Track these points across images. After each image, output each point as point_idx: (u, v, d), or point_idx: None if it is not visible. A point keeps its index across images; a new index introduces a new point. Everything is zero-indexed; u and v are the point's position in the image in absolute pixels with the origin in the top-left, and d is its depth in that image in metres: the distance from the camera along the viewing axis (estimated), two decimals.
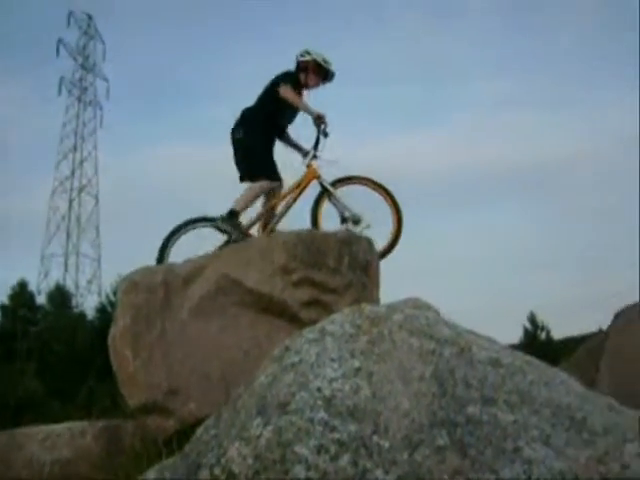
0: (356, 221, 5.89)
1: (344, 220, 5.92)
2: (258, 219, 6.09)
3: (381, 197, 5.99)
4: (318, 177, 6.03)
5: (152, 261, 5.82)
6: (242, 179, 6.15)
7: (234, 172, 6.20)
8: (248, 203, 6.02)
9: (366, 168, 6.15)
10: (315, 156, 6.12)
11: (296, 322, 4.83)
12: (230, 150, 6.20)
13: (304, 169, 6.13)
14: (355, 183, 6.09)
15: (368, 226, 5.89)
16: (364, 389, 2.73)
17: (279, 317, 4.95)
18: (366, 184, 6.04)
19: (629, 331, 7.03)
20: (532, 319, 17.42)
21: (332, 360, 2.88)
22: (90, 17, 38.66)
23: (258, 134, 6.13)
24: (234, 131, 6.18)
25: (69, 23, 38.10)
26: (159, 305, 4.98)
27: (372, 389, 2.74)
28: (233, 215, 5.94)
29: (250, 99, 6.32)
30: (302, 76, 6.25)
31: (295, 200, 6.08)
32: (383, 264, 5.46)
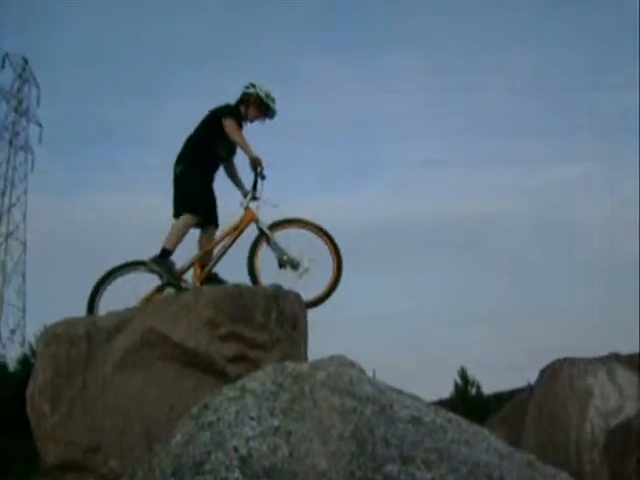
0: (294, 265, 5.80)
1: (282, 264, 5.82)
2: (193, 263, 6.01)
3: (321, 241, 5.93)
4: (256, 220, 5.94)
5: (82, 311, 5.68)
6: (174, 215, 6.04)
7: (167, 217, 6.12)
8: (177, 240, 5.88)
9: None
10: (254, 198, 6.05)
11: (223, 377, 4.75)
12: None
13: (242, 211, 6.05)
14: (294, 226, 6.01)
15: (307, 270, 5.82)
16: (282, 448, 2.71)
17: (205, 372, 4.88)
18: (306, 227, 5.98)
19: (552, 387, 7.19)
20: (463, 374, 17.56)
21: (251, 419, 2.85)
22: (26, 60, 38.16)
23: (194, 170, 6.04)
24: (174, 167, 6.12)
25: (3, 65, 37.54)
26: (81, 358, 4.86)
27: (290, 448, 2.71)
28: (164, 255, 5.82)
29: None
30: (243, 108, 6.23)
31: (232, 243, 5.96)
32: (311, 319, 5.44)
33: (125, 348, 4.91)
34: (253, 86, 6.25)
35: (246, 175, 6.25)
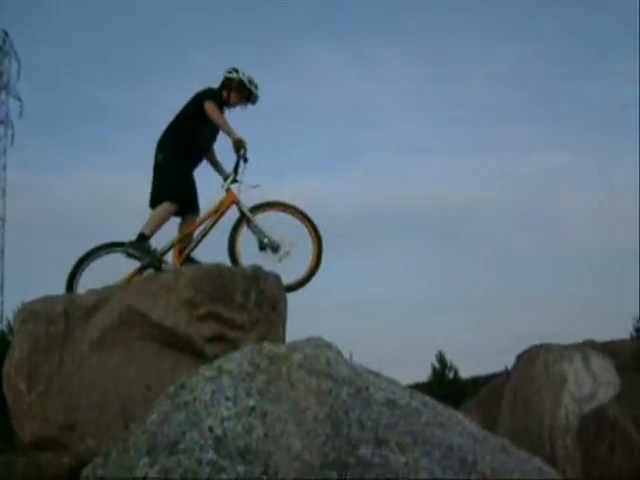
0: (275, 248, 5.80)
1: (262, 247, 5.82)
2: (173, 245, 5.99)
3: (302, 225, 5.94)
4: (237, 202, 5.92)
5: (61, 289, 5.64)
6: (150, 203, 6.03)
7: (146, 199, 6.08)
8: (155, 227, 5.87)
9: None
10: (235, 180, 6.00)
11: (201, 357, 4.75)
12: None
13: (223, 193, 6.03)
14: (275, 209, 6.01)
15: (287, 253, 5.83)
16: (257, 429, 2.72)
17: (183, 352, 4.88)
18: (287, 211, 5.99)
19: (528, 373, 7.26)
20: (440, 359, 17.77)
21: (227, 399, 2.86)
22: (6, 33, 37.50)
23: (174, 157, 6.00)
24: (156, 153, 6.07)
25: None
26: (59, 336, 4.84)
27: (265, 429, 2.73)
28: (142, 239, 5.78)
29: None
30: (225, 93, 6.18)
31: (213, 225, 5.95)
32: (291, 303, 5.44)
33: (103, 327, 4.89)
34: (235, 71, 6.20)
35: (227, 158, 6.24)
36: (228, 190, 6.01)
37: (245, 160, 5.98)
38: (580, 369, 7.02)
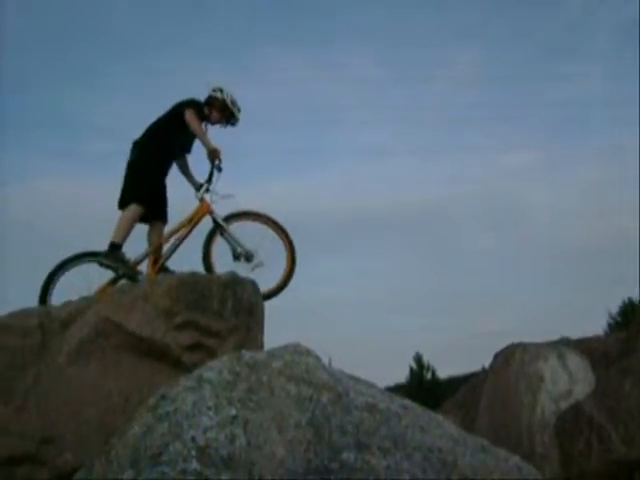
0: (248, 258, 5.83)
1: (236, 257, 5.84)
2: (147, 255, 5.96)
3: (275, 234, 5.95)
4: (211, 212, 5.93)
5: (24, 302, 5.57)
6: (120, 204, 5.96)
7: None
8: (125, 232, 5.81)
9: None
10: (208, 190, 6.02)
11: (179, 366, 4.75)
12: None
13: (197, 203, 6.02)
14: (249, 219, 6.03)
15: (261, 263, 5.85)
16: (240, 438, 2.72)
17: (161, 361, 4.86)
18: (260, 220, 6.00)
19: (505, 372, 7.34)
20: (418, 359, 17.86)
21: (208, 408, 2.86)
22: None
23: (148, 158, 5.99)
24: (130, 153, 6.02)
25: None
26: (35, 350, 4.80)
27: (247, 438, 2.73)
28: (114, 248, 5.75)
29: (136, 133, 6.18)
30: (207, 110, 6.20)
31: (187, 235, 5.94)
32: (267, 307, 5.45)
33: (80, 338, 4.86)
34: (220, 90, 6.24)
35: (201, 168, 6.23)
36: (202, 200, 6.01)
37: (219, 170, 5.98)
38: (556, 367, 7.11)
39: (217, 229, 5.91)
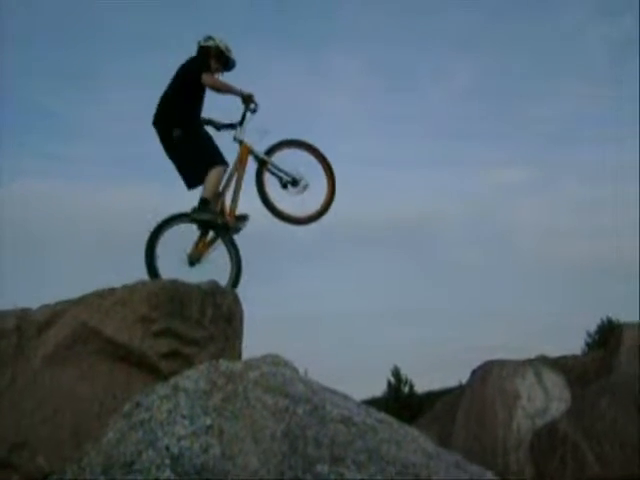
0: (295, 182, 6.07)
1: (284, 185, 6.07)
2: (223, 204, 6.01)
3: (313, 158, 6.21)
4: (251, 151, 6.08)
5: (11, 304, 5.49)
6: (192, 185, 6.02)
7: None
8: (215, 190, 5.90)
9: None
10: (241, 131, 6.13)
11: (156, 373, 4.73)
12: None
13: (236, 145, 6.12)
14: (287, 147, 6.23)
15: (307, 186, 6.10)
16: (214, 447, 2.71)
17: (138, 368, 4.83)
18: (298, 147, 6.23)
19: (482, 388, 7.37)
20: (396, 373, 17.82)
21: (183, 417, 2.84)
22: None
23: (196, 127, 6.04)
24: (169, 133, 5.95)
25: None
26: (11, 352, 4.76)
27: (222, 448, 2.72)
28: (206, 203, 5.83)
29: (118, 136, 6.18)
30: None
31: (242, 176, 6.07)
32: (248, 316, 5.43)
33: (56, 342, 4.83)
34: (212, 38, 6.20)
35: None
36: (241, 142, 6.12)
37: (254, 111, 6.07)
38: (533, 384, 7.15)
39: (262, 166, 6.08)
